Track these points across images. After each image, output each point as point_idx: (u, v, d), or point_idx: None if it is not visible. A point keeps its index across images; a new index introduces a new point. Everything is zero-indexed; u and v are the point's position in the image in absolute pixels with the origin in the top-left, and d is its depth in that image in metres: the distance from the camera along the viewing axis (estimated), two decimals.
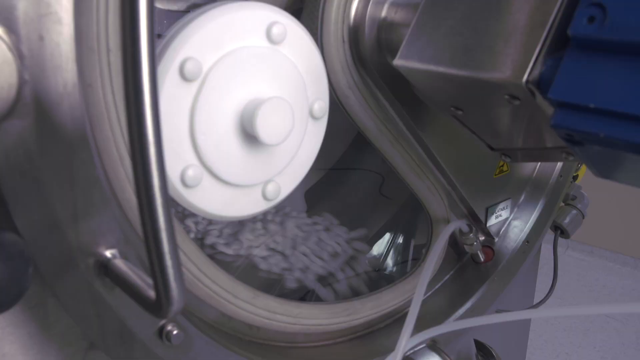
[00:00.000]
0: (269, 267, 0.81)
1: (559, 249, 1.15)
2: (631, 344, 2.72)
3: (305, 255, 0.84)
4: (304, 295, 0.89)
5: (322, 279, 0.86)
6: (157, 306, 0.41)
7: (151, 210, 0.37)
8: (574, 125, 0.47)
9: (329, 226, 0.90)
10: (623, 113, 0.44)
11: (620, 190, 3.02)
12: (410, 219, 1.01)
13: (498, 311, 0.93)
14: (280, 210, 0.88)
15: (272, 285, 0.84)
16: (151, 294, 0.43)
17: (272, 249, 0.83)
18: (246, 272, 0.82)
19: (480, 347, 0.97)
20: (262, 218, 0.86)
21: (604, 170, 0.54)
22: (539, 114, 0.54)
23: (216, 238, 0.81)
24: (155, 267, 0.39)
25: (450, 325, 0.76)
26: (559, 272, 1.17)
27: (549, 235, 1.07)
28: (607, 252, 3.33)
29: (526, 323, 1.38)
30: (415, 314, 0.68)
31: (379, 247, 1.02)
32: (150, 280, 0.43)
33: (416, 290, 0.70)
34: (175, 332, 0.55)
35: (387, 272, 1.00)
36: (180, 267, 0.40)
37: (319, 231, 0.88)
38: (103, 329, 0.52)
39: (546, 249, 1.16)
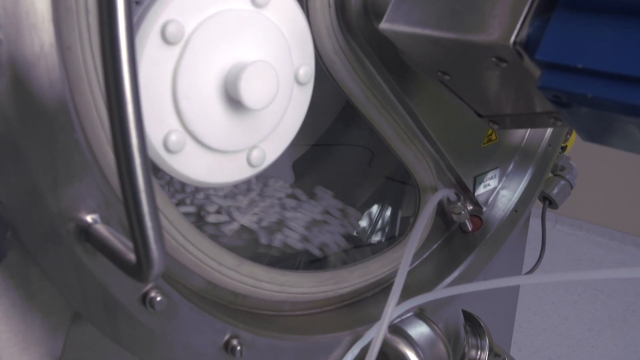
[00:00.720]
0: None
1: (548, 224, 1.15)
2: (618, 316, 2.75)
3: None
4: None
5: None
6: (138, 269, 0.41)
7: (130, 171, 0.37)
8: (561, 86, 0.47)
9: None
10: (611, 73, 0.44)
11: (608, 164, 3.04)
12: (398, 192, 1.01)
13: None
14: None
15: (260, 257, 0.84)
16: (132, 257, 0.42)
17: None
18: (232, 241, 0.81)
19: (468, 317, 0.98)
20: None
21: (591, 133, 0.54)
22: (526, 77, 0.53)
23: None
24: (134, 229, 0.38)
25: (437, 292, 0.76)
26: (547, 246, 1.18)
27: (538, 209, 1.07)
28: (595, 226, 3.35)
29: (514, 294, 1.38)
30: (402, 281, 0.68)
31: (366, 220, 1.02)
32: (131, 245, 0.43)
33: (403, 257, 0.70)
34: (158, 298, 0.54)
35: (375, 243, 1.00)
36: (161, 230, 0.39)
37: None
38: (85, 297, 0.52)
39: (535, 223, 1.16)
